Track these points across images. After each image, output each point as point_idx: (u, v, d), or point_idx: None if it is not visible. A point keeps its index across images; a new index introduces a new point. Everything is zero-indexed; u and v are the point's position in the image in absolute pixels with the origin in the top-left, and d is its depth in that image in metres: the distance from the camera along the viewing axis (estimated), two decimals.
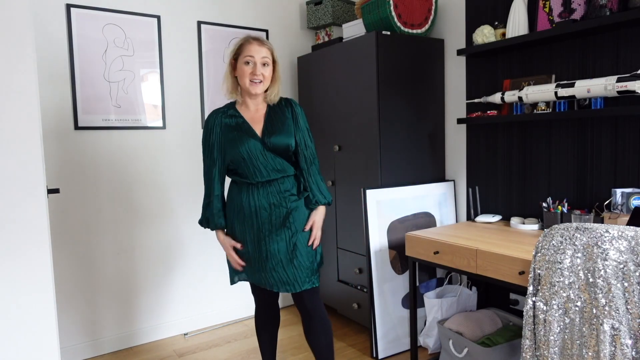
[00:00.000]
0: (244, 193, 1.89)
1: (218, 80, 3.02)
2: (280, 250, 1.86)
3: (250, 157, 1.84)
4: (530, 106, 2.21)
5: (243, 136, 1.85)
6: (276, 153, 1.87)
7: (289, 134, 1.89)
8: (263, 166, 1.85)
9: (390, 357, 2.56)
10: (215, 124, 1.90)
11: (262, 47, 1.84)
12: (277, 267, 1.87)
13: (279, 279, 1.87)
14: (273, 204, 1.87)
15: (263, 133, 1.87)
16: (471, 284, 2.55)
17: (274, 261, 1.86)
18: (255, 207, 1.87)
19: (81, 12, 2.54)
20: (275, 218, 1.87)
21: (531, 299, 1.58)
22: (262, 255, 1.88)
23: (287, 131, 1.89)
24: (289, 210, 1.88)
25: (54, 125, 2.51)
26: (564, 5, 2.10)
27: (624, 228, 1.40)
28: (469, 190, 2.63)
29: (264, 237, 1.87)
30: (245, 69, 1.83)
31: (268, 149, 1.85)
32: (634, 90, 1.75)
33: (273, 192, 1.87)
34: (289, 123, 1.91)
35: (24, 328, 1.55)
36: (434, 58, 2.73)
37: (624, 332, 1.37)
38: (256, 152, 1.84)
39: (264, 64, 1.84)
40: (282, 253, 1.86)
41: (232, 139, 1.86)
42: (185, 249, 2.96)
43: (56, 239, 2.54)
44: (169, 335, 2.93)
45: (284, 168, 1.89)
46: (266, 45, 1.86)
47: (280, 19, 3.26)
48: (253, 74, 1.82)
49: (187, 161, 2.94)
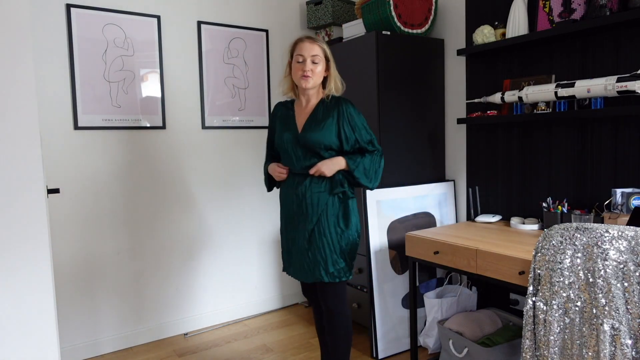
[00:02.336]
0: (284, 182, 2.05)
1: (218, 80, 3.02)
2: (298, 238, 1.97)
3: (286, 148, 1.98)
4: (530, 106, 2.21)
5: (284, 127, 2.01)
6: (306, 149, 1.93)
7: (325, 133, 1.91)
8: (294, 159, 1.97)
9: (390, 357, 2.56)
10: (275, 114, 2.10)
11: (313, 45, 1.93)
12: (298, 255, 1.97)
13: (299, 267, 1.98)
14: (301, 193, 1.95)
15: (302, 128, 1.96)
16: (471, 284, 2.55)
17: (295, 247, 1.98)
18: (287, 196, 2.02)
19: (81, 12, 2.54)
20: (297, 206, 1.97)
21: (531, 299, 1.58)
22: (289, 242, 2.03)
23: (323, 129, 1.92)
24: (312, 202, 1.94)
25: (54, 125, 2.51)
26: (564, 5, 2.10)
27: (624, 228, 1.40)
28: (469, 190, 2.63)
29: (290, 222, 2.02)
30: (297, 66, 1.94)
31: (298, 144, 1.95)
32: (634, 90, 1.75)
33: (302, 182, 1.96)
34: (329, 121, 1.93)
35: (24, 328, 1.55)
36: (434, 58, 2.73)
37: (624, 332, 1.37)
38: (288, 144, 1.97)
39: (314, 62, 1.92)
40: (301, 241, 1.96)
41: (278, 128, 2.05)
42: (185, 249, 2.96)
43: (56, 239, 2.54)
44: (169, 335, 2.93)
45: (314, 164, 1.93)
46: (317, 43, 1.95)
47: (280, 19, 3.26)
48: (303, 70, 1.91)
49: (187, 161, 2.94)
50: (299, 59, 1.93)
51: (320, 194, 1.93)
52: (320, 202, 1.93)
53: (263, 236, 3.27)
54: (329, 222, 1.92)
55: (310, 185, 1.94)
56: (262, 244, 3.27)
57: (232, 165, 3.10)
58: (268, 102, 3.23)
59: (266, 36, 3.19)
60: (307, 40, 1.95)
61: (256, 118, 3.18)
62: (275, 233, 3.32)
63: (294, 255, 2.00)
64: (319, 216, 1.92)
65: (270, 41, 3.22)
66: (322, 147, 1.91)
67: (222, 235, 3.10)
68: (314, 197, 1.93)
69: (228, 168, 3.09)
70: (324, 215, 1.92)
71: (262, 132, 3.21)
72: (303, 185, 1.95)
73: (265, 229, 3.27)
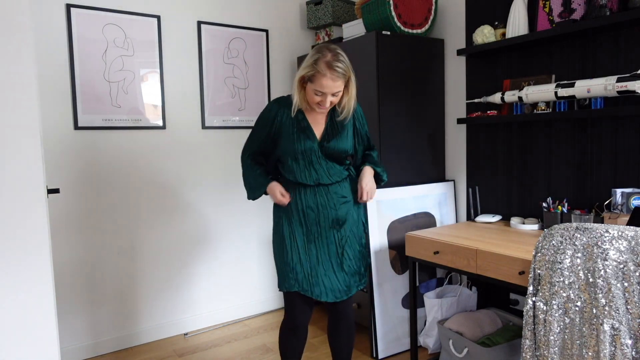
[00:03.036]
0: (291, 193, 1.86)
1: (218, 80, 3.02)
2: (331, 254, 1.84)
3: (305, 157, 1.81)
4: (530, 106, 2.21)
5: (301, 135, 1.81)
6: (331, 158, 1.84)
7: (347, 140, 1.86)
8: (315, 169, 1.82)
9: (390, 357, 2.56)
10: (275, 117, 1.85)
11: (336, 81, 1.69)
12: (329, 273, 1.83)
13: (329, 286, 1.83)
14: (321, 205, 1.83)
15: (322, 137, 1.84)
16: (471, 284, 2.55)
17: (325, 266, 1.83)
18: (303, 207, 1.84)
19: (81, 12, 2.54)
20: (323, 219, 1.83)
21: (531, 299, 1.58)
22: (312, 259, 1.83)
23: (346, 137, 1.86)
24: (338, 212, 1.85)
25: (54, 125, 2.51)
26: (564, 5, 2.10)
27: (624, 228, 1.39)
28: (469, 190, 2.63)
29: (313, 240, 1.84)
30: (314, 97, 1.74)
31: (324, 153, 1.82)
32: (634, 90, 1.75)
33: (321, 192, 1.84)
34: (348, 127, 1.88)
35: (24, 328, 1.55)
36: (434, 58, 2.73)
37: (624, 332, 1.37)
38: (311, 154, 1.81)
39: (334, 94, 1.74)
40: (333, 256, 1.84)
41: (289, 135, 1.81)
42: (185, 249, 2.96)
43: (56, 239, 2.54)
44: (169, 335, 2.93)
45: (337, 173, 1.86)
46: (341, 77, 1.70)
47: (280, 19, 3.26)
48: (321, 104, 1.75)
49: (187, 161, 2.94)
50: (318, 93, 1.72)
51: (347, 204, 1.88)
52: (348, 213, 1.88)
53: (263, 236, 3.27)
54: (354, 232, 1.90)
55: (335, 197, 1.84)
56: (262, 244, 3.27)
57: (232, 165, 3.10)
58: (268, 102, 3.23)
59: (266, 36, 3.19)
60: (330, 74, 1.67)
61: (256, 118, 3.17)
62: None
63: (321, 274, 1.82)
64: (350, 227, 1.88)
65: (270, 41, 3.22)
66: (345, 155, 1.88)
67: (222, 235, 3.09)
68: (342, 209, 1.85)
69: (228, 168, 3.09)
70: (352, 226, 1.89)
71: None
72: (322, 196, 1.83)
73: (265, 228, 3.27)
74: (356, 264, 1.89)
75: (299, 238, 1.84)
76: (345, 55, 1.75)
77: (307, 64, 1.72)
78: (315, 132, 1.83)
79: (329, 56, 1.69)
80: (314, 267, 1.83)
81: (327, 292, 1.82)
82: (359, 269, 1.91)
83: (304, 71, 1.73)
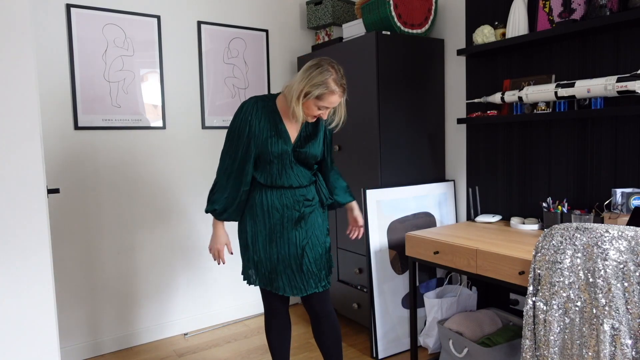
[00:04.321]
0: (257, 193, 1.89)
1: (218, 80, 3.02)
2: (291, 255, 1.87)
3: (280, 162, 1.84)
4: (530, 106, 2.21)
5: (279, 140, 1.83)
6: (301, 163, 1.88)
7: (318, 146, 1.91)
8: (286, 173, 1.86)
9: (390, 357, 2.56)
10: (254, 116, 1.83)
11: (342, 97, 1.80)
12: (287, 271, 1.87)
13: (287, 282, 1.88)
14: (285, 206, 1.87)
15: (296, 142, 1.87)
16: (471, 284, 2.55)
17: (283, 264, 1.87)
18: (268, 207, 1.88)
19: (81, 12, 2.54)
20: (286, 220, 1.87)
21: (531, 299, 1.58)
22: (272, 257, 1.88)
23: (317, 143, 1.90)
24: (302, 214, 1.88)
25: (54, 125, 2.51)
26: (564, 5, 2.10)
27: (624, 228, 1.40)
28: (469, 190, 2.63)
29: (275, 239, 1.88)
30: (315, 111, 1.79)
31: (295, 158, 1.86)
32: (634, 90, 1.75)
33: (287, 194, 1.87)
34: (320, 134, 1.92)
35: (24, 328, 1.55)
36: (434, 58, 2.73)
37: (624, 332, 1.37)
38: (285, 157, 1.84)
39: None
40: (292, 257, 1.87)
41: (266, 137, 1.82)
42: (185, 249, 2.96)
43: (56, 239, 2.54)
44: (169, 335, 2.93)
45: (306, 177, 1.90)
46: (344, 92, 1.80)
47: (280, 19, 3.26)
48: (322, 116, 1.83)
49: (187, 161, 2.94)
50: (322, 107, 1.78)
51: (312, 207, 1.92)
52: (312, 215, 1.91)
53: None
54: (317, 235, 1.91)
55: (301, 199, 1.88)
56: None
57: None
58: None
59: (266, 36, 3.19)
60: (338, 90, 1.76)
61: None
62: None
63: (280, 272, 1.88)
64: (313, 230, 1.89)
65: (270, 41, 3.22)
66: (315, 161, 1.92)
67: None
68: (306, 211, 1.89)
69: None
70: (315, 229, 1.90)
71: None
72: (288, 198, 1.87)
73: None
74: (316, 266, 1.89)
75: (260, 237, 1.89)
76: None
77: (316, 83, 1.73)
78: (290, 137, 1.86)
79: (335, 74, 1.75)
80: (273, 264, 1.88)
81: (284, 288, 1.89)
82: (319, 272, 1.90)
83: (312, 89, 1.73)
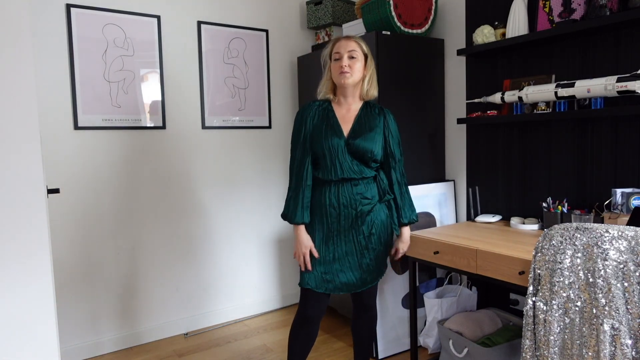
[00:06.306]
0: (317, 191, 1.91)
1: (218, 80, 3.02)
2: (349, 253, 1.89)
3: (331, 154, 1.86)
4: (530, 106, 2.21)
5: (329, 132, 1.88)
6: (356, 156, 1.87)
7: (374, 141, 1.89)
8: (340, 165, 1.86)
9: (390, 357, 2.56)
10: (309, 115, 1.93)
11: (349, 41, 1.88)
12: (345, 269, 1.89)
13: (345, 281, 1.90)
14: (342, 204, 1.88)
15: (349, 134, 1.89)
16: (471, 284, 2.55)
17: (340, 263, 1.89)
18: (325, 205, 1.89)
19: (81, 12, 2.54)
20: (343, 219, 1.88)
21: (531, 299, 1.58)
22: (328, 256, 1.89)
23: (373, 138, 1.89)
24: (358, 212, 1.88)
25: (54, 125, 2.51)
26: (564, 5, 2.10)
27: (624, 228, 1.40)
28: (469, 190, 2.63)
29: (331, 237, 1.89)
30: (335, 65, 1.88)
31: (349, 151, 1.86)
32: (634, 90, 1.75)
33: (344, 192, 1.88)
34: (378, 131, 1.91)
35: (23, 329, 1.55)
36: (434, 58, 2.73)
37: (624, 332, 1.37)
38: (337, 150, 1.86)
39: (351, 57, 1.87)
40: (350, 255, 1.89)
41: (319, 132, 1.89)
42: (185, 249, 2.96)
43: (56, 239, 2.54)
44: (169, 335, 2.93)
45: (361, 170, 1.89)
46: (353, 39, 1.90)
47: (280, 19, 3.26)
48: (341, 67, 1.86)
49: (187, 161, 2.94)
50: (336, 56, 1.88)
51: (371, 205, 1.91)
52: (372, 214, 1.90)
53: (263, 236, 3.27)
54: (379, 231, 1.92)
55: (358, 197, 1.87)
56: (262, 243, 3.27)
57: (232, 166, 3.10)
58: (268, 102, 3.23)
59: (266, 36, 3.19)
60: (344, 38, 1.91)
61: (256, 118, 3.18)
62: (274, 233, 3.32)
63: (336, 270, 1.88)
64: (373, 227, 1.90)
65: (270, 41, 3.22)
66: (371, 156, 1.88)
67: (222, 235, 3.09)
68: (364, 209, 1.88)
69: (228, 168, 3.09)
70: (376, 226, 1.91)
71: (262, 132, 3.21)
72: (345, 196, 1.87)
73: (265, 228, 3.27)
74: (376, 263, 1.94)
75: (317, 236, 1.90)
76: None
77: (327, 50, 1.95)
78: (342, 129, 1.90)
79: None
80: (329, 264, 1.89)
81: (341, 287, 1.90)
82: (378, 268, 1.97)
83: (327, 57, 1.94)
